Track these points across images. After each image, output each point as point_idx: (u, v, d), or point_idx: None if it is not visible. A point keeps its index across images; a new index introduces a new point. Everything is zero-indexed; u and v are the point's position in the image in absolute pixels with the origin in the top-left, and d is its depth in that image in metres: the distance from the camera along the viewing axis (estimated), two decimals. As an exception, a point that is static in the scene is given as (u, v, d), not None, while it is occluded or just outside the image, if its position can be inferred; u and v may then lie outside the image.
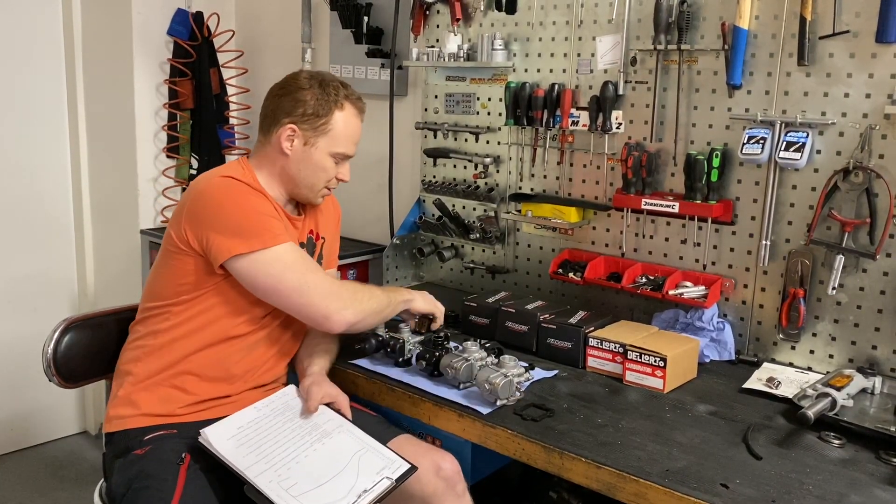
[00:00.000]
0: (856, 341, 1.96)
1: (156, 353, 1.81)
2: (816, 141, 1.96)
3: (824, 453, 1.58)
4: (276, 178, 1.89)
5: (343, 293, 1.80)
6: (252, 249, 1.72)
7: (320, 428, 1.75)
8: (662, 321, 2.19)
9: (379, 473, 1.62)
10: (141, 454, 1.70)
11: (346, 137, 1.89)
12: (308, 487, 1.56)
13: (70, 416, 3.68)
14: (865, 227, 1.90)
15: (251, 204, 1.76)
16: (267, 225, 1.75)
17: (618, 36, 2.26)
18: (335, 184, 1.95)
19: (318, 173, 1.88)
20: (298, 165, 1.87)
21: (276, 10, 3.37)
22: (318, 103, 1.85)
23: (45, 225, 3.47)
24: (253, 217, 1.75)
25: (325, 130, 1.85)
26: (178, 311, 1.81)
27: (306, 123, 1.85)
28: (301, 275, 1.75)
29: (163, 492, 1.60)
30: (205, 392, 1.80)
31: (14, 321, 3.38)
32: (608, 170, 2.33)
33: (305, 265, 1.79)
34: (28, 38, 3.31)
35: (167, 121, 3.33)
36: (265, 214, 1.77)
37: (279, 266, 1.74)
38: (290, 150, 1.86)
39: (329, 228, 2.08)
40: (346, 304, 1.78)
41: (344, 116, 1.88)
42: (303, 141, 1.86)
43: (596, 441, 1.61)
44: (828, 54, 1.93)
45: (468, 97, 2.65)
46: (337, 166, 1.91)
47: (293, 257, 1.77)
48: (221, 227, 1.73)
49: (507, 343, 2.10)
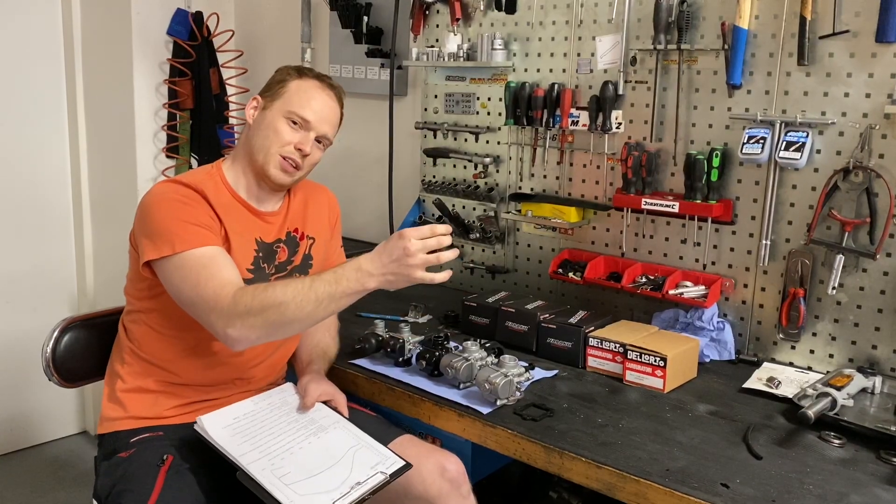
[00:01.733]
0: (856, 341, 1.96)
1: (138, 356, 1.81)
2: (816, 140, 1.96)
3: (824, 453, 1.58)
4: (242, 157, 1.86)
5: (225, 306, 1.57)
6: (161, 254, 1.66)
7: (316, 423, 1.75)
8: (662, 321, 2.19)
9: (373, 468, 1.62)
10: (125, 457, 1.70)
11: (301, 100, 1.83)
12: (301, 477, 1.57)
13: (69, 416, 3.67)
14: (865, 227, 1.90)
15: (174, 208, 1.70)
16: (181, 229, 1.67)
17: (617, 36, 2.25)
18: (293, 153, 1.81)
19: (269, 134, 1.81)
20: (255, 131, 1.84)
21: (276, 9, 3.37)
22: (281, 73, 1.88)
23: (45, 224, 3.47)
24: (169, 221, 1.68)
25: (280, 94, 1.84)
26: (143, 315, 1.81)
27: (267, 92, 1.86)
28: (192, 286, 1.62)
29: (140, 494, 1.60)
30: (193, 395, 1.80)
31: (13, 321, 3.38)
32: (608, 169, 2.33)
33: (204, 274, 1.62)
34: (27, 38, 3.30)
35: (167, 121, 3.32)
36: (183, 220, 1.68)
37: (178, 274, 1.65)
38: (252, 118, 1.86)
39: (322, 229, 2.01)
40: (231, 321, 1.56)
41: (301, 82, 1.85)
42: (262, 107, 1.85)
43: (596, 441, 1.60)
44: (828, 54, 1.93)
45: (468, 97, 2.65)
46: (293, 132, 1.81)
47: (192, 265, 1.64)
48: (143, 231, 1.71)
49: (507, 343, 2.10)
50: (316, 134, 1.84)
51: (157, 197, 1.74)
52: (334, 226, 2.08)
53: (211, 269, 1.64)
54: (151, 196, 1.75)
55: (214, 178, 1.83)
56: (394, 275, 1.54)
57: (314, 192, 2.03)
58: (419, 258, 1.53)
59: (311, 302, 1.56)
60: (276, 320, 1.57)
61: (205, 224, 1.72)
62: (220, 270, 1.65)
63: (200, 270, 1.63)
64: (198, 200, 1.75)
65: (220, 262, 1.68)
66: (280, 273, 1.88)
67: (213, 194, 1.78)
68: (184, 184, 1.76)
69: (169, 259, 1.66)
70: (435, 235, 1.54)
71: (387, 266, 1.54)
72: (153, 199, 1.74)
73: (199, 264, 1.65)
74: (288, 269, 1.90)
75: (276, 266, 1.88)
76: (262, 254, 1.85)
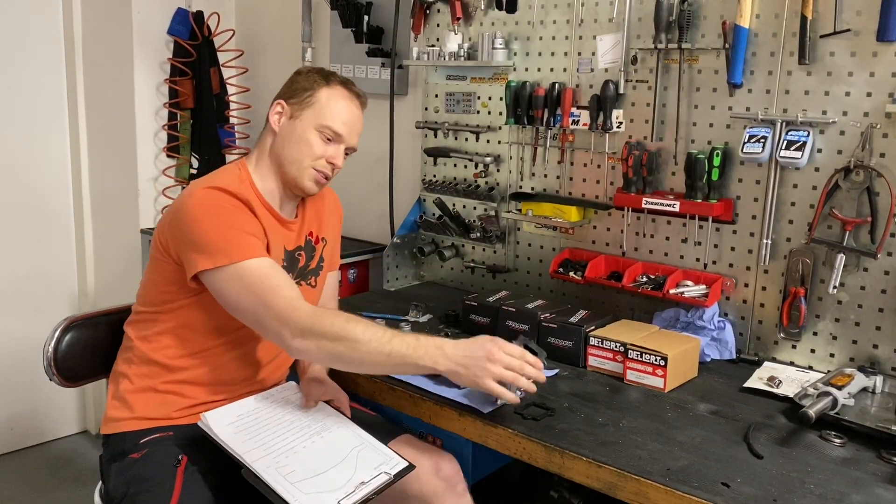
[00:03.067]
0: (857, 340, 1.96)
1: (147, 359, 1.80)
2: (817, 140, 1.96)
3: (825, 452, 1.58)
4: (268, 165, 1.84)
5: (302, 321, 1.60)
6: (216, 265, 1.64)
7: (319, 422, 1.75)
8: (663, 320, 2.19)
9: (377, 468, 1.62)
10: (137, 457, 1.70)
11: (333, 112, 1.82)
12: (306, 475, 1.56)
13: (70, 415, 3.68)
14: (866, 226, 1.90)
15: (225, 218, 1.69)
16: (237, 239, 1.67)
17: (618, 35, 2.25)
18: (326, 167, 1.83)
19: (302, 147, 1.81)
20: (284, 140, 1.82)
21: (277, 9, 3.37)
22: (307, 80, 1.85)
23: (46, 224, 3.47)
24: (224, 232, 1.67)
25: (309, 103, 1.81)
26: (164, 319, 1.79)
27: (293, 98, 1.83)
28: (258, 296, 1.63)
29: (160, 495, 1.60)
30: (201, 396, 1.80)
31: (14, 321, 3.38)
32: (609, 169, 2.33)
33: (269, 285, 1.64)
34: (28, 38, 3.31)
35: (167, 120, 3.32)
36: (238, 229, 1.68)
37: (238, 285, 1.64)
38: (277, 125, 1.84)
39: (331, 230, 2.04)
40: (304, 336, 1.60)
41: (331, 92, 1.83)
42: (289, 115, 1.83)
43: (597, 440, 1.60)
44: (829, 53, 1.93)
45: (468, 96, 2.65)
46: (325, 146, 1.82)
47: (254, 276, 1.64)
48: (193, 242, 1.68)
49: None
50: (346, 146, 1.86)
51: (203, 206, 1.69)
52: (340, 224, 2.10)
53: (274, 280, 1.66)
54: (195, 205, 1.70)
55: (245, 184, 1.80)
56: (466, 368, 1.56)
57: (323, 192, 2.01)
58: (497, 369, 1.55)
59: (384, 354, 1.58)
60: (343, 353, 1.60)
61: (257, 234, 1.72)
62: (284, 282, 1.67)
63: (264, 281, 1.64)
64: (244, 209, 1.73)
65: (280, 273, 1.70)
66: (298, 277, 1.89)
67: (253, 203, 1.77)
68: (228, 192, 1.71)
69: (224, 269, 1.65)
70: (524, 361, 1.58)
71: (465, 356, 1.57)
72: (199, 209, 1.69)
73: (260, 274, 1.65)
74: (304, 273, 1.92)
75: (297, 272, 1.89)
76: (287, 263, 1.86)
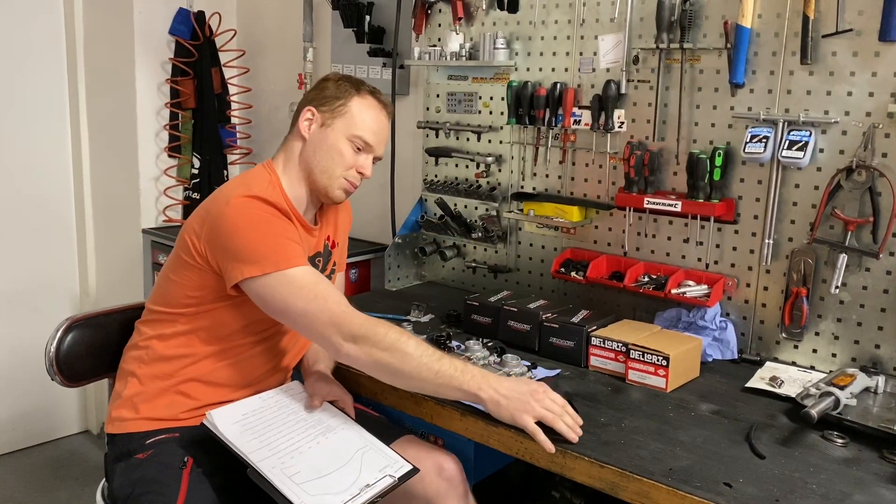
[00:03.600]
0: (859, 340, 1.96)
1: (161, 359, 1.79)
2: (819, 139, 1.96)
3: (828, 452, 1.58)
4: (297, 171, 1.85)
5: (356, 327, 1.64)
6: (263, 272, 1.66)
7: (324, 423, 1.75)
8: (665, 320, 2.19)
9: (382, 471, 1.62)
10: (143, 458, 1.70)
11: (364, 123, 1.84)
12: (311, 476, 1.56)
13: (72, 415, 3.68)
14: (869, 226, 1.90)
15: (269, 227, 1.70)
16: (282, 247, 1.69)
17: (620, 35, 2.25)
18: (355, 177, 1.86)
19: (334, 156, 1.83)
20: (315, 148, 1.84)
21: (278, 9, 3.37)
22: (338, 88, 1.86)
23: (47, 225, 3.48)
24: (269, 239, 1.68)
25: (341, 112, 1.83)
26: (185, 321, 1.79)
27: (324, 106, 1.84)
28: (310, 301, 1.65)
29: (166, 496, 1.60)
30: (209, 397, 1.79)
31: (15, 321, 3.39)
32: (610, 169, 2.33)
33: (320, 291, 1.68)
34: (29, 38, 3.31)
35: (169, 120, 3.33)
36: (282, 237, 1.70)
37: (287, 290, 1.66)
38: (307, 132, 1.85)
39: (343, 234, 2.07)
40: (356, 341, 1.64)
41: (362, 102, 1.85)
42: (320, 123, 1.84)
43: (599, 440, 1.60)
44: (831, 53, 1.92)
45: (470, 96, 2.64)
46: (356, 155, 1.84)
47: (304, 282, 1.67)
48: (236, 251, 1.68)
49: (510, 342, 2.10)
50: (374, 155, 1.88)
51: (244, 216, 1.69)
52: (349, 228, 2.12)
53: (323, 286, 1.70)
54: (235, 214, 1.69)
55: (277, 191, 1.81)
56: (507, 399, 1.59)
57: None
58: (539, 407, 1.58)
59: (432, 372, 1.62)
60: (392, 365, 1.64)
61: (298, 241, 1.74)
62: (331, 289, 1.71)
63: (313, 287, 1.68)
64: (283, 217, 1.74)
65: (325, 280, 1.74)
66: None
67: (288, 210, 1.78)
68: (266, 201, 1.72)
69: (271, 276, 1.66)
70: (567, 412, 1.60)
71: (509, 389, 1.60)
72: (240, 219, 1.69)
73: (310, 280, 1.68)
74: None
75: None
76: None
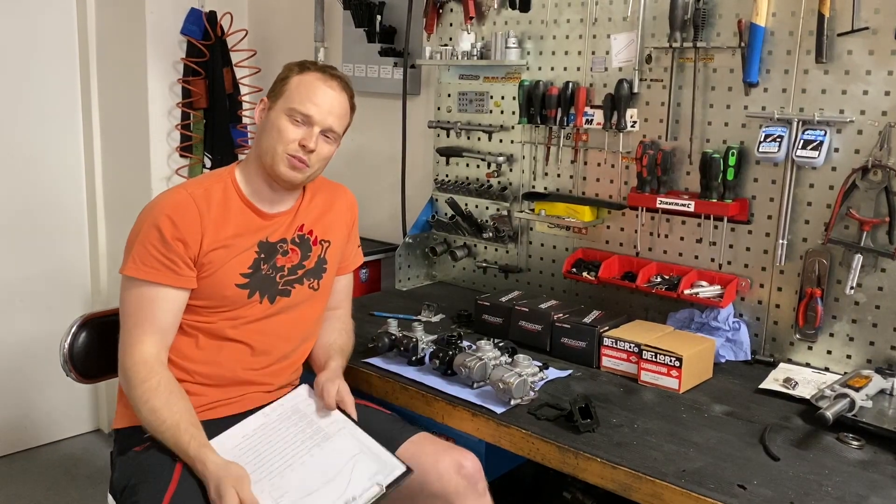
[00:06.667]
0: (874, 342, 1.94)
1: None
2: (834, 139, 1.94)
3: (843, 455, 1.57)
4: (254, 162, 1.85)
5: (133, 377, 1.67)
6: (120, 270, 1.75)
7: (323, 431, 1.75)
8: (677, 321, 2.17)
9: (371, 479, 1.62)
10: (140, 450, 1.71)
11: (301, 95, 1.80)
12: (298, 496, 1.60)
13: (83, 414, 3.69)
14: (884, 226, 1.88)
15: (146, 229, 1.74)
16: (141, 255, 1.72)
17: (632, 34, 2.24)
18: (297, 150, 1.79)
19: (273, 134, 1.80)
20: (261, 133, 1.84)
21: (289, 9, 3.37)
22: (284, 71, 1.86)
23: (59, 224, 3.49)
24: (138, 242, 1.74)
25: (282, 92, 1.82)
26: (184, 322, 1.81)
27: (272, 92, 1.85)
28: (125, 331, 1.73)
29: (157, 487, 1.60)
30: (209, 395, 1.79)
31: (28, 319, 3.40)
32: (623, 168, 2.32)
33: (135, 320, 1.72)
34: (42, 38, 3.32)
35: (180, 120, 3.33)
36: (151, 245, 1.72)
37: (122, 300, 1.75)
38: (259, 120, 1.87)
39: (340, 232, 2.00)
40: (129, 387, 1.69)
41: (302, 77, 1.83)
42: (267, 108, 1.85)
43: (611, 441, 1.59)
44: (846, 51, 1.91)
45: (481, 96, 2.64)
46: (296, 129, 1.79)
47: (136, 306, 1.73)
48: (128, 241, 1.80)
49: (521, 342, 2.09)
50: (320, 128, 1.81)
51: (146, 211, 1.79)
52: (352, 227, 2.06)
53: (147, 313, 1.72)
54: (149, 207, 1.80)
55: (224, 181, 1.83)
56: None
57: (335, 193, 2.01)
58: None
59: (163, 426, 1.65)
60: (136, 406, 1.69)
61: (169, 260, 1.73)
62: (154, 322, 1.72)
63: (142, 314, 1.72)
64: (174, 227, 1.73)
65: (158, 308, 1.73)
66: (290, 276, 1.86)
67: (218, 199, 1.78)
68: (177, 196, 1.78)
69: (123, 277, 1.75)
70: None
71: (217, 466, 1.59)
72: (146, 212, 1.79)
73: (143, 304, 1.73)
74: (299, 274, 1.88)
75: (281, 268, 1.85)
76: (264, 255, 1.83)
